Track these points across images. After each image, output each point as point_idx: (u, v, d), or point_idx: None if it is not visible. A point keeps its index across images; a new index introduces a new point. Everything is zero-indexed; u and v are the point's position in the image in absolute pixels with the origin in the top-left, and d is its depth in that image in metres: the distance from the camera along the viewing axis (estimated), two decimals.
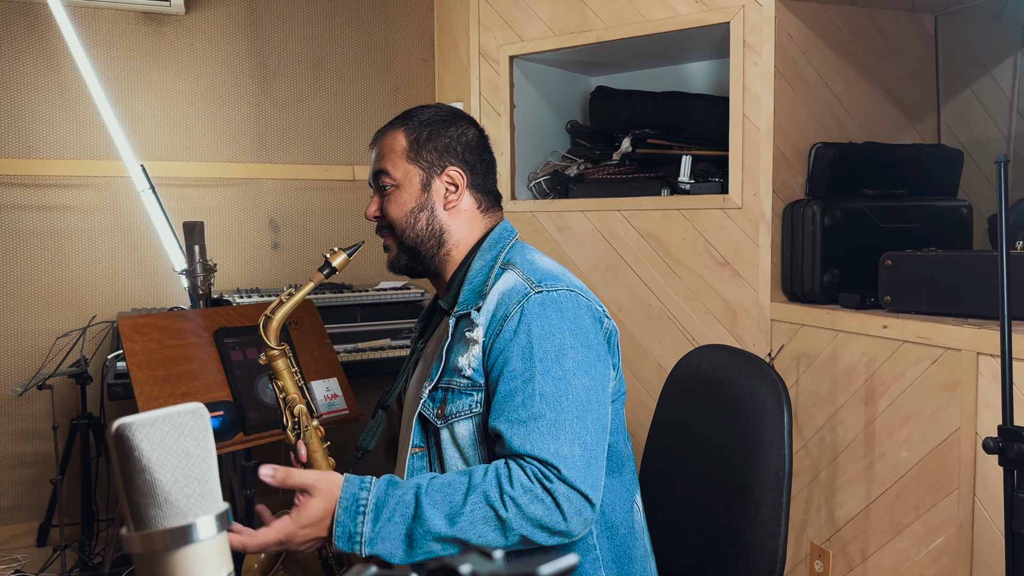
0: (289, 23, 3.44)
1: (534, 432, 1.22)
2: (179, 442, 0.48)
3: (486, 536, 1.18)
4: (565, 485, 1.20)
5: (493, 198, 1.49)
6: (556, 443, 1.21)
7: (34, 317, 3.14)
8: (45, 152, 3.12)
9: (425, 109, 1.49)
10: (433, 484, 1.22)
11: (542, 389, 1.24)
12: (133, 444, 0.47)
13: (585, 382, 1.27)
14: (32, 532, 3.13)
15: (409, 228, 1.43)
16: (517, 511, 1.18)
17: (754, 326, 2.51)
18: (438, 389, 1.35)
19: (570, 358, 1.27)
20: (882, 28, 2.56)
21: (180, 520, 0.47)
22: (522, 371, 1.25)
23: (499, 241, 1.44)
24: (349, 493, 1.21)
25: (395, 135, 1.45)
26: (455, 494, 1.20)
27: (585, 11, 2.81)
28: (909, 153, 2.50)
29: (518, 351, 1.27)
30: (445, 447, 1.33)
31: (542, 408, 1.23)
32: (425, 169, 1.43)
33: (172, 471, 0.48)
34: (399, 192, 1.44)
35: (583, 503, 1.21)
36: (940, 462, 2.00)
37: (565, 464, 1.20)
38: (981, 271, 1.98)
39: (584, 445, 1.23)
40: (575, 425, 1.23)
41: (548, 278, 1.34)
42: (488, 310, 1.33)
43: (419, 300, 3.27)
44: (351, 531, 1.19)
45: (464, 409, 1.31)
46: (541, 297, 1.30)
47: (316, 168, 3.50)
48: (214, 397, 1.95)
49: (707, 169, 2.73)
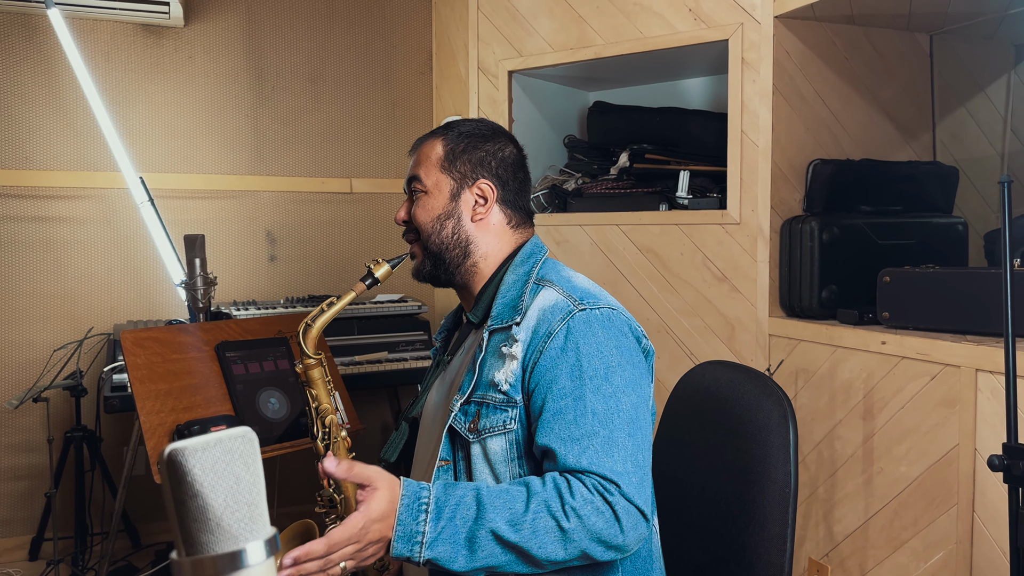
0: (288, 36, 3.45)
1: (589, 449, 1.22)
2: (230, 467, 0.48)
3: (546, 547, 1.17)
4: (624, 500, 1.20)
5: (524, 215, 1.49)
6: (611, 460, 1.22)
7: (29, 329, 3.12)
8: (42, 163, 3.11)
9: (467, 122, 1.50)
10: (491, 489, 1.20)
11: (593, 407, 1.24)
12: (186, 469, 0.47)
13: (633, 399, 1.28)
14: (24, 546, 3.10)
15: (435, 234, 1.43)
16: (579, 522, 1.18)
17: (752, 341, 2.52)
18: (470, 403, 1.34)
19: (618, 375, 1.28)
20: (878, 47, 2.59)
21: (231, 545, 0.47)
22: (572, 389, 1.26)
23: (531, 256, 1.44)
24: (410, 491, 1.17)
25: (433, 144, 1.46)
26: (515, 501, 1.19)
27: (584, 27, 2.83)
28: (905, 170, 2.53)
29: (567, 369, 1.27)
30: (475, 462, 1.32)
31: (595, 426, 1.23)
32: (457, 180, 1.44)
33: (223, 496, 0.48)
34: (428, 199, 1.44)
35: (639, 518, 1.22)
36: (939, 478, 2.01)
37: (623, 480, 1.21)
38: (979, 288, 2.00)
39: (636, 462, 1.24)
40: (627, 442, 1.24)
41: (588, 296, 1.34)
42: (528, 327, 1.32)
43: (416, 313, 3.27)
44: (412, 531, 1.15)
45: (498, 425, 1.30)
46: (586, 315, 1.30)
47: (313, 181, 3.50)
48: (216, 411, 1.94)
49: (704, 184, 2.75)
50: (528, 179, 1.51)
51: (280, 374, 2.10)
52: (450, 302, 3.52)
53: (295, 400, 2.11)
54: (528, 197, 1.51)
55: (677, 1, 2.62)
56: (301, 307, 3.10)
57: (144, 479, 3.18)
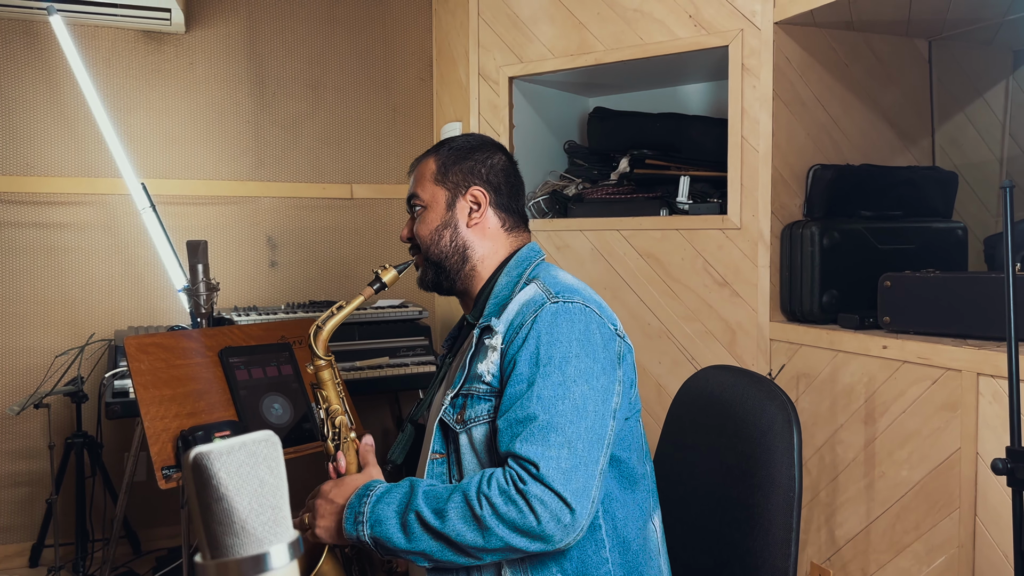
0: (288, 42, 3.46)
1: (524, 432, 1.25)
2: (254, 470, 0.49)
3: (465, 535, 1.22)
4: (540, 485, 1.21)
5: (518, 218, 1.55)
6: (544, 444, 1.23)
7: (30, 335, 3.12)
8: (43, 170, 3.12)
9: (458, 138, 1.57)
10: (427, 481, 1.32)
11: (540, 392, 1.27)
12: (211, 472, 0.48)
13: (584, 389, 1.29)
14: (25, 552, 3.10)
15: (434, 245, 1.49)
16: (491, 510, 1.21)
17: (753, 346, 2.53)
18: (459, 396, 1.39)
19: (572, 365, 1.30)
20: (878, 52, 2.60)
21: (256, 548, 0.48)
22: (527, 375, 1.30)
23: (526, 260, 1.49)
24: (369, 483, 1.34)
25: (427, 162, 1.54)
26: (442, 491, 1.27)
27: (585, 34, 2.84)
28: (905, 175, 2.54)
29: (526, 356, 1.31)
30: (463, 452, 1.36)
31: (537, 409, 1.26)
32: (451, 189, 1.50)
33: (248, 499, 0.48)
34: (427, 212, 1.51)
35: (560, 506, 1.21)
36: (941, 482, 2.02)
37: (546, 463, 1.22)
38: (980, 292, 2.00)
39: (573, 449, 1.24)
40: (567, 428, 1.25)
41: (566, 291, 1.38)
42: (507, 319, 1.37)
43: (417, 318, 3.27)
44: (356, 511, 1.29)
45: (483, 414, 1.34)
46: (555, 307, 1.34)
47: (314, 186, 3.51)
48: (219, 417, 1.95)
49: (704, 190, 2.76)
50: (520, 184, 1.57)
51: (283, 379, 2.10)
52: (450, 307, 3.52)
53: (298, 405, 2.12)
54: (522, 202, 1.57)
55: (677, 8, 2.64)
56: (302, 312, 3.10)
57: (145, 485, 3.18)
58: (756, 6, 2.47)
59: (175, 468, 1.83)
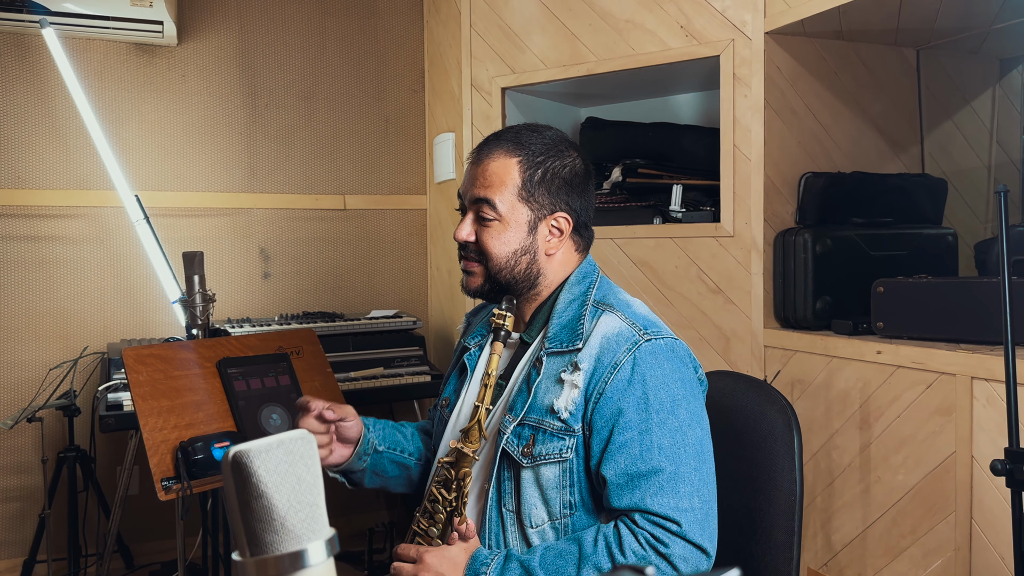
0: (280, 54, 3.46)
1: (653, 486, 1.21)
2: (292, 468, 0.49)
3: None
4: (683, 543, 1.19)
5: (589, 237, 1.45)
6: (676, 497, 1.20)
7: (22, 348, 3.10)
8: (35, 182, 3.10)
9: (536, 137, 1.39)
10: (546, 556, 1.23)
11: (659, 441, 1.23)
12: (251, 470, 0.48)
13: (699, 433, 1.27)
14: (17, 568, 3.06)
15: (508, 269, 1.36)
16: None
17: (748, 352, 2.55)
18: (524, 426, 1.30)
19: (683, 408, 1.26)
20: (867, 62, 2.64)
21: (295, 545, 0.48)
22: (638, 422, 1.24)
23: (586, 276, 1.41)
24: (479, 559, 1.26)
25: (506, 164, 1.36)
26: (567, 566, 1.20)
27: (577, 44, 2.86)
28: (895, 182, 2.57)
29: (633, 401, 1.25)
30: (525, 486, 1.30)
31: (661, 461, 1.22)
32: (535, 211, 1.36)
33: (287, 496, 0.49)
34: (503, 229, 1.36)
35: (700, 557, 1.20)
36: (936, 486, 2.04)
37: (685, 518, 1.19)
38: (972, 297, 2.03)
39: (702, 497, 1.23)
40: (693, 477, 1.23)
41: (651, 325, 1.32)
42: (591, 355, 1.29)
43: (411, 329, 3.27)
44: None
45: (554, 452, 1.28)
46: (652, 346, 1.28)
47: (307, 198, 3.51)
48: (218, 428, 1.94)
49: (697, 198, 2.78)
50: (593, 188, 1.44)
51: (281, 390, 2.10)
52: (445, 319, 3.52)
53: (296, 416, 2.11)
54: (592, 212, 1.44)
55: (668, 18, 2.66)
56: (296, 324, 3.09)
57: (138, 499, 3.16)
58: (747, 16, 2.50)
59: (174, 480, 1.83)
